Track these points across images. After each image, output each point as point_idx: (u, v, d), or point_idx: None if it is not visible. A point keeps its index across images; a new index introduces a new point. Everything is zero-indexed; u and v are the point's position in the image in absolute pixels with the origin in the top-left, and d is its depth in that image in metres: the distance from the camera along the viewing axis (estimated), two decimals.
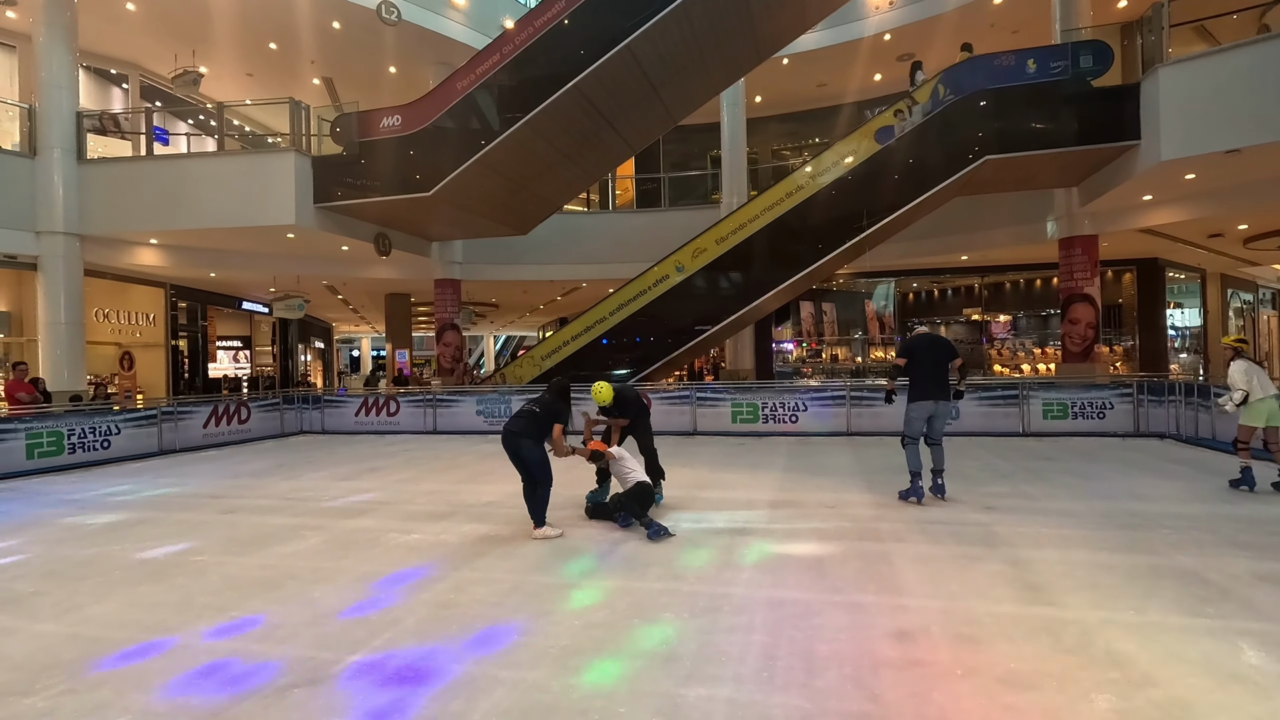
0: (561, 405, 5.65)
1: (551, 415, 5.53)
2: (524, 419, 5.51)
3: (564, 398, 5.71)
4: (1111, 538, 5.04)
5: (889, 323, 19.74)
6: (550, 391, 5.74)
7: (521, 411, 5.60)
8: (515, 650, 3.31)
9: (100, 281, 14.33)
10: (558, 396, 5.68)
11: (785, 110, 19.17)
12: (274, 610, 3.93)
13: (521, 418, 5.53)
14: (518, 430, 5.43)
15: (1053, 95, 10.87)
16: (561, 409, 5.62)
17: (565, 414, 5.63)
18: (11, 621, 3.86)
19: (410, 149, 12.32)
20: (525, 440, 5.39)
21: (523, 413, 5.58)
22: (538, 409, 5.56)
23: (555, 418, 5.53)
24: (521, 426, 5.45)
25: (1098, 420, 10.69)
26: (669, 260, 13.71)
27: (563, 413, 5.61)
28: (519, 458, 5.42)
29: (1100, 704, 2.72)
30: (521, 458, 5.40)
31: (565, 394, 5.75)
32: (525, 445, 5.38)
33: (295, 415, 13.87)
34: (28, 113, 12.37)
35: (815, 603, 3.85)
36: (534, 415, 5.52)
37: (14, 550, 5.40)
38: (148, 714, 2.79)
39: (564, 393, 5.74)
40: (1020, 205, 13.99)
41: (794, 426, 11.52)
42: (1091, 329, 12.88)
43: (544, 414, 5.52)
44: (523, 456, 5.39)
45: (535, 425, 5.47)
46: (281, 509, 6.72)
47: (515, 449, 5.41)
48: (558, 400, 5.66)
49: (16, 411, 9.54)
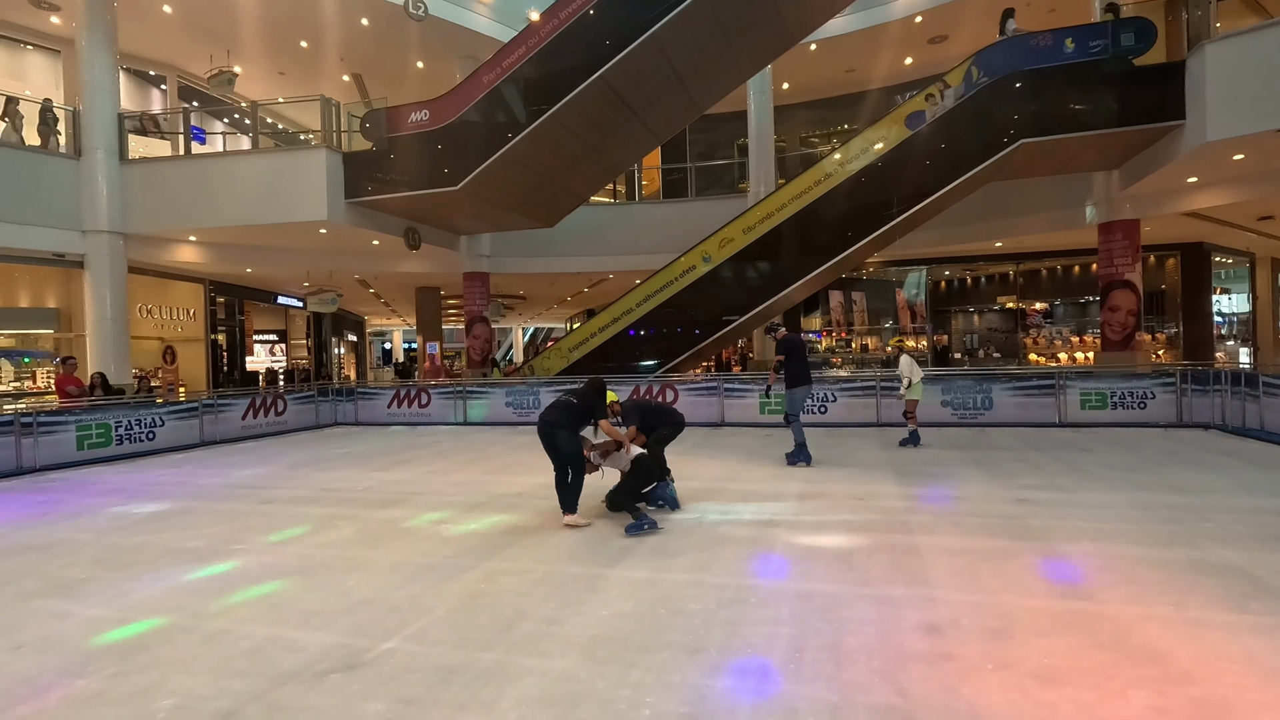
0: (599, 402, 5.71)
1: (588, 409, 5.62)
2: (560, 410, 5.60)
3: (601, 396, 5.77)
4: (1151, 531, 4.92)
5: (921, 312, 19.40)
6: (588, 387, 5.82)
7: (558, 402, 5.69)
8: (543, 640, 3.36)
9: (143, 278, 14.78)
10: (596, 394, 5.74)
11: (813, 97, 18.88)
12: (310, 598, 4.04)
13: (558, 408, 5.62)
14: (554, 420, 5.52)
15: (1092, 75, 10.52)
16: (599, 405, 5.69)
17: (602, 410, 5.68)
18: (65, 606, 4.03)
19: (438, 144, 12.44)
20: (561, 431, 5.48)
21: (559, 404, 5.67)
22: (575, 400, 5.65)
23: (592, 412, 5.61)
24: (558, 417, 5.54)
25: (1138, 410, 10.39)
26: (696, 250, 13.65)
27: (600, 408, 5.67)
28: (554, 447, 5.50)
29: (1136, 701, 2.66)
30: (556, 447, 5.49)
31: (602, 393, 5.80)
32: (561, 435, 5.47)
33: (330, 407, 14.18)
34: (72, 115, 12.79)
35: (843, 595, 3.83)
36: (570, 406, 5.62)
37: (66, 538, 5.64)
38: (192, 696, 2.89)
39: (601, 391, 5.79)
40: (1057, 190, 13.61)
41: (823, 417, 11.41)
42: (1132, 316, 12.50)
43: (581, 405, 5.62)
44: (558, 446, 5.48)
45: (572, 416, 5.56)
46: (316, 499, 6.89)
47: (551, 438, 5.50)
48: (596, 397, 5.71)
49: (67, 405, 9.92)
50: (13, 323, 13.83)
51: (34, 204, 11.84)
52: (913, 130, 11.97)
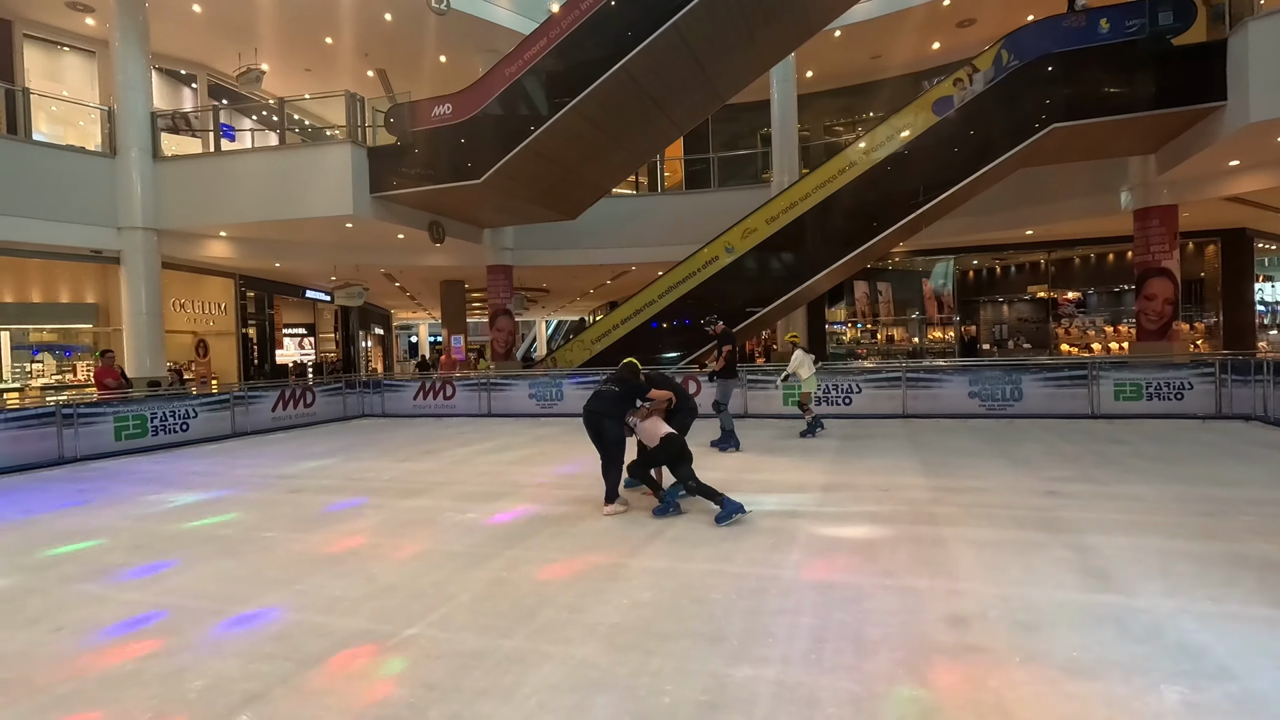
0: (639, 383, 5.87)
1: (632, 392, 5.78)
2: (605, 399, 5.73)
3: (636, 375, 5.93)
4: (1187, 524, 4.78)
5: (948, 302, 19.08)
6: (624, 371, 5.96)
7: (601, 392, 5.82)
8: (565, 627, 3.38)
9: (176, 273, 15.14)
10: (633, 374, 5.90)
11: (837, 85, 18.59)
12: (336, 585, 4.11)
13: (602, 398, 5.76)
14: (601, 410, 5.68)
15: (1128, 56, 10.21)
16: (640, 385, 5.85)
17: (644, 388, 5.85)
18: (104, 590, 4.16)
19: (461, 137, 12.51)
20: (608, 420, 5.64)
21: (603, 393, 5.80)
22: (617, 388, 5.77)
23: (637, 393, 5.78)
24: (604, 406, 5.69)
25: (1175, 401, 10.11)
26: (718, 241, 13.57)
27: (642, 388, 5.83)
28: (600, 436, 5.66)
29: (1170, 696, 2.59)
30: (603, 435, 5.65)
31: (636, 372, 5.96)
32: (608, 424, 5.63)
33: (357, 399, 14.40)
34: (107, 114, 13.10)
35: (866, 586, 3.79)
36: (614, 395, 5.74)
37: (105, 525, 5.81)
38: (223, 677, 2.96)
39: (635, 371, 5.96)
40: (1091, 175, 13.25)
41: (847, 409, 11.30)
42: (1169, 305, 12.15)
43: (624, 392, 5.76)
44: (603, 433, 5.64)
45: (616, 405, 5.71)
46: (344, 488, 7.00)
47: (598, 428, 5.66)
48: (633, 378, 5.88)
49: (105, 396, 10.20)
50: (54, 318, 14.27)
51: (72, 202, 12.17)
52: (940, 116, 11.74)
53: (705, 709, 2.60)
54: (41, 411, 9.22)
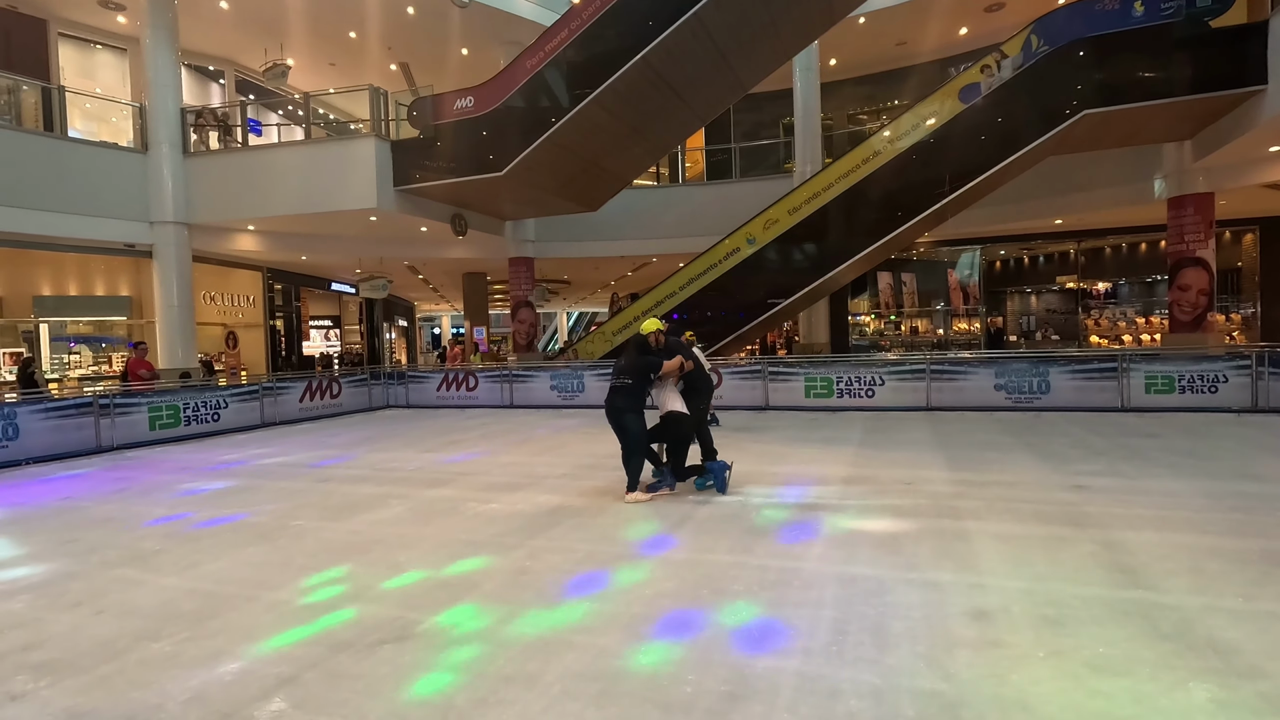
0: (649, 359, 5.92)
1: (644, 376, 5.86)
2: (623, 394, 5.83)
3: (644, 350, 5.98)
4: (1219, 520, 4.69)
5: (974, 293, 18.77)
6: (630, 351, 6.03)
7: (618, 387, 5.89)
8: (587, 616, 3.42)
9: (206, 266, 15.44)
10: (640, 351, 5.97)
11: (862, 72, 18.31)
12: (364, 572, 4.21)
13: (620, 393, 5.85)
14: (622, 406, 5.81)
15: (1163, 39, 9.93)
16: (651, 361, 5.90)
17: (656, 363, 5.90)
18: (140, 575, 4.30)
19: (482, 130, 12.57)
20: (630, 415, 5.77)
21: (619, 388, 5.87)
22: (630, 380, 5.83)
23: (649, 370, 5.86)
24: (624, 403, 5.81)
25: (1209, 395, 9.87)
26: (740, 232, 13.50)
27: (654, 363, 5.89)
28: (622, 429, 5.80)
29: (1198, 694, 2.56)
30: (624, 427, 5.78)
31: (644, 347, 6.00)
32: (629, 418, 5.77)
33: (382, 390, 14.61)
34: (138, 111, 13.38)
35: (888, 579, 3.78)
36: (628, 389, 5.83)
37: (141, 512, 5.98)
38: (256, 661, 3.05)
39: (643, 346, 6.01)
40: (1123, 163, 12.92)
41: (870, 401, 11.21)
42: (1204, 295, 11.84)
43: (637, 383, 5.85)
44: (625, 428, 5.77)
45: (634, 398, 5.82)
46: (370, 478, 7.13)
47: (620, 422, 5.80)
48: (641, 355, 5.95)
49: (139, 387, 10.48)
50: (90, 310, 14.65)
51: (106, 197, 12.47)
52: (967, 104, 11.54)
53: (726, 699, 2.62)
54: (80, 401, 9.50)
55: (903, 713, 2.49)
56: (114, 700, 2.76)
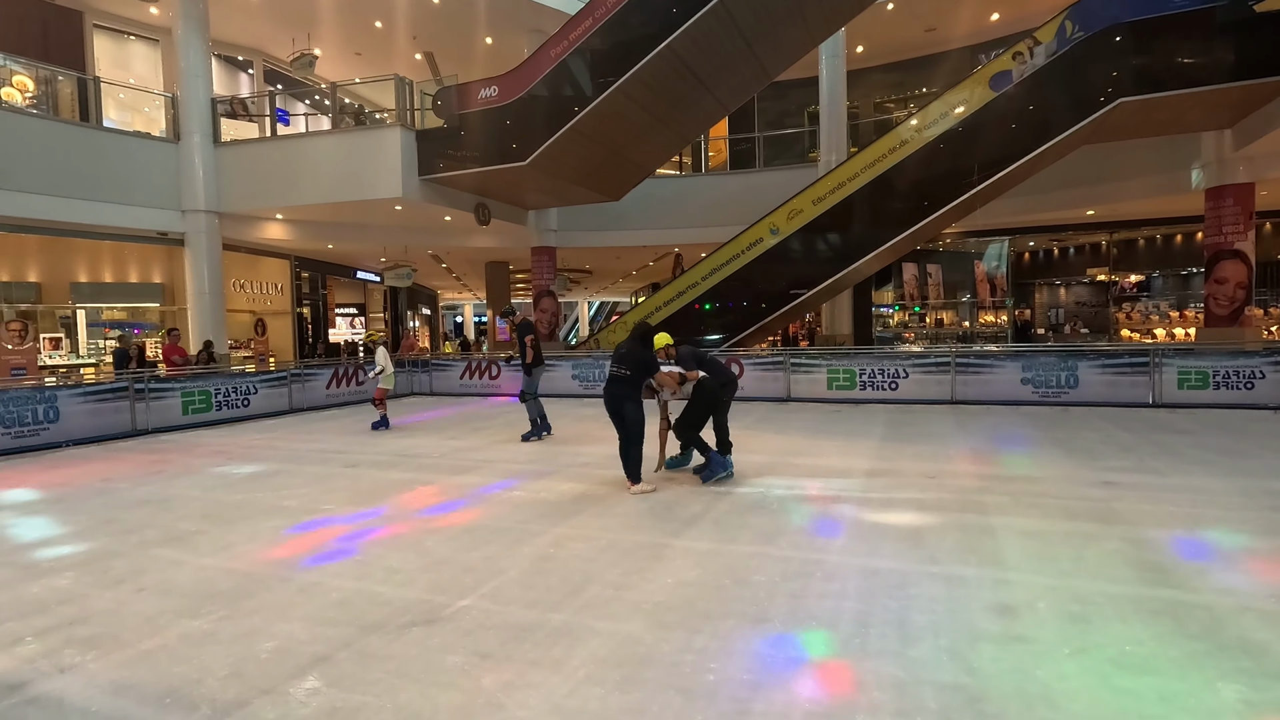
0: (649, 354, 5.89)
1: (644, 370, 5.80)
2: (621, 382, 5.80)
3: (646, 343, 5.94)
4: (1253, 519, 4.60)
5: (1001, 285, 18.48)
6: (632, 340, 5.93)
7: (616, 375, 5.85)
8: (610, 604, 3.47)
9: (236, 255, 15.73)
10: (641, 343, 5.90)
11: (889, 60, 18.02)
12: (393, 556, 4.30)
13: (618, 381, 5.81)
14: (620, 393, 5.78)
15: (1204, 24, 9.64)
16: (650, 358, 5.86)
17: (655, 364, 5.86)
18: (179, 555, 4.44)
19: (506, 119, 12.60)
20: (628, 402, 5.74)
21: (617, 376, 5.83)
22: (628, 370, 5.80)
23: (649, 369, 5.80)
24: (622, 390, 5.78)
25: (1245, 391, 9.63)
26: (763, 222, 13.41)
27: (653, 362, 5.85)
28: (620, 416, 5.76)
29: (1227, 693, 2.54)
30: (622, 416, 5.75)
31: (647, 339, 5.96)
32: (627, 406, 5.73)
33: (406, 378, 14.79)
34: (170, 101, 13.62)
35: (911, 573, 3.78)
36: (626, 378, 5.79)
37: (177, 494, 6.16)
38: (291, 640, 3.15)
39: (645, 338, 5.96)
40: (1159, 152, 12.60)
41: (894, 394, 11.11)
42: (1242, 289, 11.54)
43: (635, 373, 5.80)
44: (623, 415, 5.74)
45: (633, 386, 5.78)
46: (397, 464, 7.25)
47: (618, 410, 5.77)
48: (642, 349, 5.88)
49: (173, 373, 10.73)
50: (124, 297, 15.02)
51: (139, 186, 12.74)
52: (998, 91, 11.30)
53: (748, 687, 2.65)
54: (115, 386, 9.76)
55: (925, 705, 2.50)
56: (157, 675, 2.87)
